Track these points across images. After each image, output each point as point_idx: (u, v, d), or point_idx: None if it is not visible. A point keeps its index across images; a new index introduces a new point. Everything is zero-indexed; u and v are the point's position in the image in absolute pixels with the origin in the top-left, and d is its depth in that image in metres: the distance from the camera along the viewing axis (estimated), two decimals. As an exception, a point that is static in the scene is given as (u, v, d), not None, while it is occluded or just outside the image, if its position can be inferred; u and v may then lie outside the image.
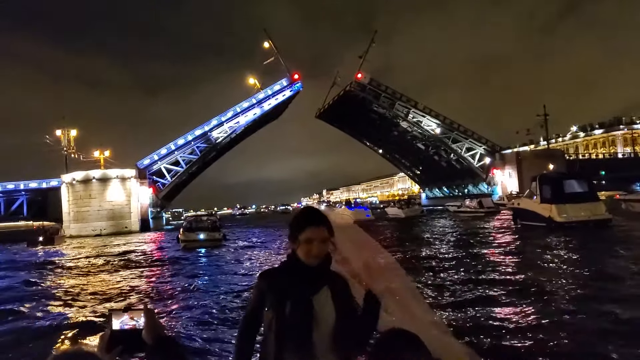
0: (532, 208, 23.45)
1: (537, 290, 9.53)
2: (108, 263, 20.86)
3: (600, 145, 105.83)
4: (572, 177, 23.20)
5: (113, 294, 12.34)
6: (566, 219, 21.09)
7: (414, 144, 75.27)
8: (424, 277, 11.81)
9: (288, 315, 1.97)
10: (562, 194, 22.05)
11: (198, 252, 24.30)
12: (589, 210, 21.27)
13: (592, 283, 9.96)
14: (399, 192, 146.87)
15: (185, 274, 15.72)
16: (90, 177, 56.27)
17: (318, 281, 2.06)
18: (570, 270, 11.94)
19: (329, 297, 2.03)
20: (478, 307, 8.39)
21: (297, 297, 2.00)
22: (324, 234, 2.06)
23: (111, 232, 52.42)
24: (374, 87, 66.81)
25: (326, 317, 2.00)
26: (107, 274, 16.77)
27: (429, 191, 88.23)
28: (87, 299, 11.84)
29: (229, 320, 8.57)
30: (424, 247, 18.94)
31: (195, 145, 63.55)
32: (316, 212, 2.17)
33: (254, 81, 66.57)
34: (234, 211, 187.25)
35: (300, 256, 2.07)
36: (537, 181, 23.59)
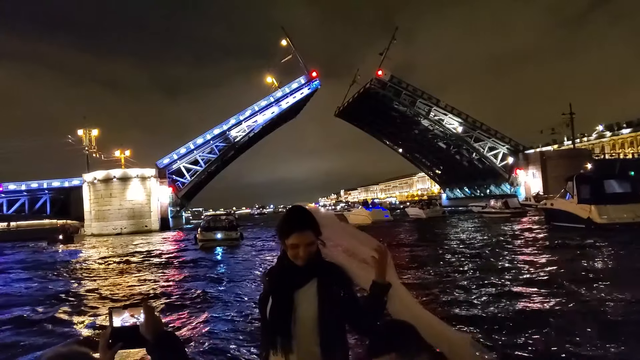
0: (568, 209, 22.31)
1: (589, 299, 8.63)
2: (124, 264, 20.26)
3: (628, 145, 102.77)
4: (613, 176, 22.04)
5: (123, 300, 11.69)
6: (607, 220, 19.95)
7: (435, 142, 74.00)
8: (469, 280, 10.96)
9: (270, 311, 2.05)
10: (603, 194, 20.92)
11: (216, 252, 23.73)
12: (633, 211, 20.03)
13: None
14: (418, 193, 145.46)
15: (206, 277, 14.88)
16: (111, 177, 56.46)
17: (305, 277, 2.09)
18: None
19: (313, 289, 2.07)
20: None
21: (280, 293, 2.06)
22: (310, 238, 2.08)
23: (131, 231, 52.51)
24: (394, 84, 65.84)
25: (307, 309, 2.04)
26: (121, 276, 16.16)
27: (449, 191, 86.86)
28: (97, 303, 11.25)
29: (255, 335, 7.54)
30: (460, 252, 17.67)
31: (214, 145, 63.58)
32: (301, 215, 2.14)
33: (272, 80, 66.45)
34: (253, 211, 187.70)
35: (289, 255, 2.11)
36: (574, 181, 22.42)
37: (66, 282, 15.59)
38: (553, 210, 24.31)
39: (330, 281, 2.09)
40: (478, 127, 68.40)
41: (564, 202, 23.13)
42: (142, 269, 17.94)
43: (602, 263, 13.19)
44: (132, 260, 21.71)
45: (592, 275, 11.11)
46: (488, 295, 9.56)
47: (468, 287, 10.48)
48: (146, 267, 18.79)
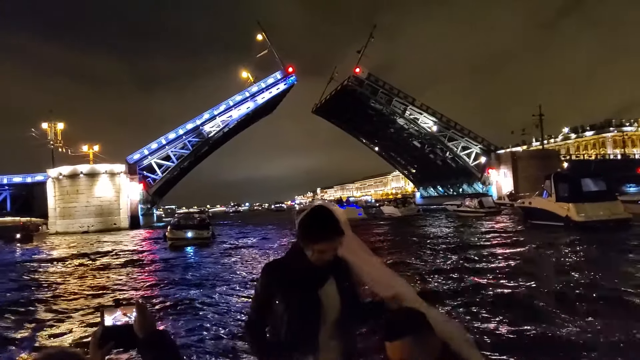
0: (546, 207, 22.47)
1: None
2: (85, 265, 18.56)
3: (591, 146, 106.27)
4: (589, 175, 22.34)
5: (75, 310, 9.94)
6: (585, 218, 20.23)
7: (410, 141, 74.54)
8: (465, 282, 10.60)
9: (297, 309, 2.04)
10: (581, 192, 21.18)
11: (187, 252, 22.71)
12: (608, 209, 20.48)
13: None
14: (392, 191, 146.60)
15: (175, 281, 13.62)
16: (78, 172, 54.48)
17: (325, 275, 2.11)
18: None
19: (334, 287, 2.11)
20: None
21: (305, 291, 2.06)
22: (338, 244, 2.09)
23: (99, 229, 50.76)
24: (371, 82, 65.96)
25: (332, 307, 2.08)
26: (79, 280, 14.48)
27: (423, 190, 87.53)
28: (43, 316, 9.67)
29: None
30: (442, 251, 17.21)
31: (187, 140, 62.26)
32: (331, 220, 2.10)
33: (248, 75, 65.62)
34: (228, 209, 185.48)
35: (310, 257, 2.09)
36: (552, 179, 22.62)
37: (6, 289, 13.35)
38: (531, 209, 24.44)
39: (345, 275, 2.15)
40: (452, 127, 69.14)
41: (543, 200, 23.27)
42: (103, 272, 16.30)
43: (585, 257, 13.37)
44: (94, 261, 20.19)
45: (573, 266, 11.48)
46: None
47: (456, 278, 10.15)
48: (109, 269, 17.21)
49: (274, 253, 18.68)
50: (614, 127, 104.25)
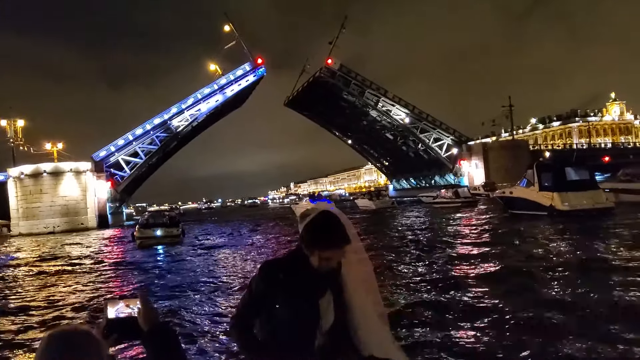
0: (529, 197, 22.27)
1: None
2: (43, 273, 16.54)
3: (558, 136, 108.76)
4: (572, 164, 22.27)
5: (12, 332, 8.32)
6: (569, 207, 20.11)
7: (382, 134, 74.50)
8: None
9: (296, 316, 2.01)
10: (564, 181, 21.06)
11: (157, 252, 21.50)
12: (591, 198, 20.45)
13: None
14: (365, 185, 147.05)
15: (145, 284, 12.53)
16: (41, 171, 52.06)
17: (325, 284, 2.09)
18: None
19: (331, 301, 2.09)
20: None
21: (305, 299, 2.03)
22: (344, 252, 2.06)
23: (66, 229, 48.67)
24: (344, 73, 65.54)
25: (328, 319, 2.07)
26: (33, 290, 12.77)
27: (396, 183, 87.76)
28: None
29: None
30: (426, 247, 15.92)
31: (155, 135, 60.62)
32: (338, 228, 2.07)
33: (216, 67, 64.22)
34: (200, 205, 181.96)
35: (313, 264, 2.05)
36: (535, 169, 22.42)
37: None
38: (512, 198, 24.23)
39: (340, 292, 2.12)
40: (424, 119, 69.42)
41: (525, 190, 23.07)
42: (63, 279, 14.71)
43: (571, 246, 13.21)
44: (55, 265, 18.58)
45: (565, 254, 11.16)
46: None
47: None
48: (70, 274, 15.70)
49: (256, 255, 17.73)
50: (579, 118, 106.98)
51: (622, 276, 8.88)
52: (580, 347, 5.43)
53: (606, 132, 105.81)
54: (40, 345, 1.29)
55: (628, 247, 12.05)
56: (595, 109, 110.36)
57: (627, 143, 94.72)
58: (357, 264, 2.19)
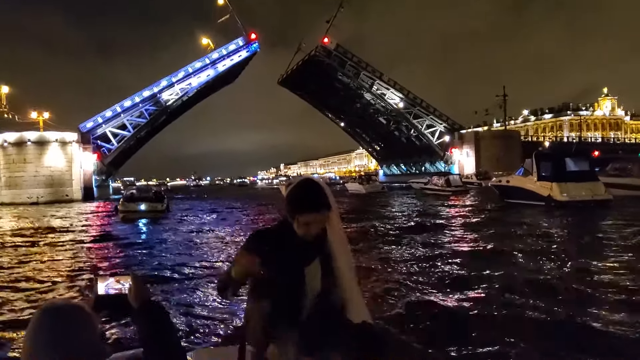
0: (526, 186, 21.92)
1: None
2: (17, 246, 15.28)
3: (549, 129, 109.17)
4: (572, 155, 21.95)
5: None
6: (568, 197, 19.82)
7: (375, 117, 74.01)
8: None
9: (281, 284, 2.02)
10: (564, 172, 20.74)
11: (140, 227, 20.80)
12: (590, 189, 20.17)
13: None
14: (356, 169, 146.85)
15: (128, 261, 11.83)
16: (25, 140, 50.82)
17: (312, 252, 2.09)
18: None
19: (318, 270, 2.09)
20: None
21: (291, 267, 2.05)
22: (325, 217, 2.06)
23: (49, 200, 47.79)
24: (340, 53, 64.76)
25: (314, 288, 2.07)
26: (13, 263, 11.84)
27: (386, 168, 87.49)
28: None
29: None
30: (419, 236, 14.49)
31: (144, 108, 59.51)
32: (318, 193, 2.07)
33: (208, 41, 63.13)
34: (188, 182, 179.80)
35: (297, 231, 2.06)
36: (534, 158, 22.03)
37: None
38: (508, 188, 23.89)
39: (330, 255, 2.09)
40: (418, 104, 68.98)
41: (522, 179, 22.72)
42: (43, 251, 13.90)
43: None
44: (34, 237, 17.54)
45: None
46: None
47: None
48: (45, 244, 14.90)
49: (240, 232, 17.12)
50: (571, 111, 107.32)
51: (614, 259, 9.11)
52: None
53: (597, 127, 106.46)
54: (32, 319, 1.27)
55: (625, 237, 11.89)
56: (587, 103, 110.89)
57: (616, 138, 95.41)
58: (339, 230, 2.16)
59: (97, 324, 1.36)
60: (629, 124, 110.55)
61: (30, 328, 1.26)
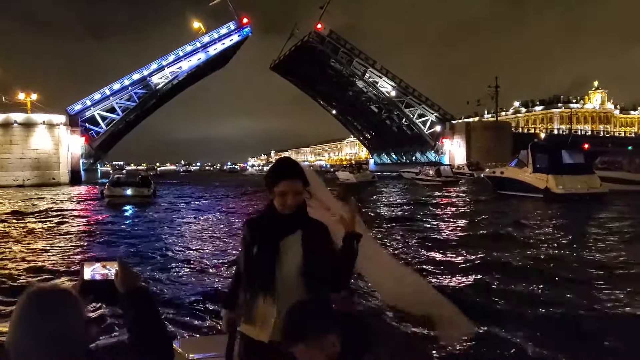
0: (521, 178, 21.82)
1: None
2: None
3: (540, 121, 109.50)
4: (568, 147, 21.84)
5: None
6: (564, 190, 19.70)
7: (367, 106, 73.62)
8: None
9: (254, 256, 2.11)
10: (560, 164, 20.63)
11: (126, 211, 20.71)
12: (585, 182, 20.10)
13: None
14: (346, 157, 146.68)
15: (112, 246, 11.64)
16: (11, 121, 49.77)
17: (290, 227, 2.13)
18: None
19: (298, 240, 2.12)
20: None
21: (265, 241, 2.12)
22: (298, 187, 2.11)
23: (36, 183, 46.94)
24: (333, 40, 64.19)
25: (292, 258, 2.09)
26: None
27: (377, 157, 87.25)
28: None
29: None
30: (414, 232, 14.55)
31: (133, 91, 58.69)
32: (291, 164, 2.21)
33: (199, 25, 62.35)
34: (178, 168, 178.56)
35: (276, 206, 2.13)
36: (530, 150, 21.91)
37: None
38: (503, 179, 23.76)
39: (315, 234, 2.12)
40: (410, 93, 68.70)
41: (517, 170, 22.60)
42: (23, 237, 13.47)
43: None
44: (16, 222, 17.04)
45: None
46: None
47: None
48: (32, 234, 14.17)
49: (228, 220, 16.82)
50: (561, 104, 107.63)
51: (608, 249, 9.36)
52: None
53: (586, 120, 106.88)
54: (18, 303, 1.26)
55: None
56: (577, 96, 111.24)
57: (606, 132, 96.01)
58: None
59: (84, 309, 1.35)
60: (618, 118, 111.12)
61: (16, 312, 1.25)
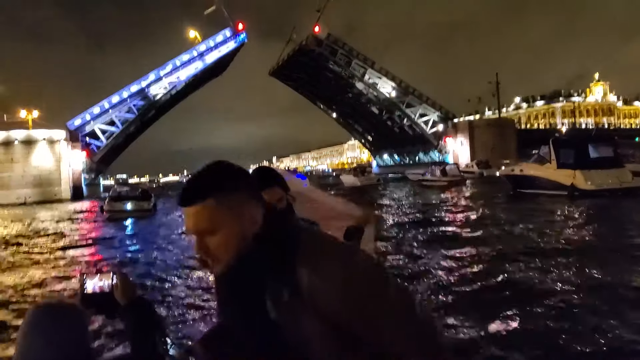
0: (545, 175, 20.88)
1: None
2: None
3: (541, 116, 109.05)
4: (596, 140, 20.94)
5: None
6: (594, 186, 18.69)
7: (368, 107, 72.94)
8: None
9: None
10: (587, 159, 19.69)
11: (127, 227, 20.05)
12: (616, 177, 19.08)
13: None
14: (348, 160, 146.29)
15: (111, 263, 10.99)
16: (12, 139, 49.27)
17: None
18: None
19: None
20: None
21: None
22: (279, 194, 2.04)
23: (38, 201, 46.38)
24: (331, 42, 63.73)
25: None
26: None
27: (379, 159, 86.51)
28: None
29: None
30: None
31: (132, 103, 58.19)
32: (268, 172, 2.11)
33: (195, 34, 61.93)
34: (181, 178, 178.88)
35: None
36: (552, 145, 20.96)
37: None
38: (523, 177, 22.82)
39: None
40: (410, 93, 68.05)
41: (539, 167, 21.68)
42: (20, 255, 12.66)
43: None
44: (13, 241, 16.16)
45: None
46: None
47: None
48: (27, 254, 13.15)
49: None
50: (563, 98, 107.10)
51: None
52: None
53: (589, 113, 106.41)
54: (25, 318, 1.29)
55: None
56: (579, 89, 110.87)
57: (610, 124, 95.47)
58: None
59: (88, 323, 1.36)
60: (621, 110, 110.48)
61: (23, 327, 1.26)
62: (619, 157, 20.79)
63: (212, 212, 1.11)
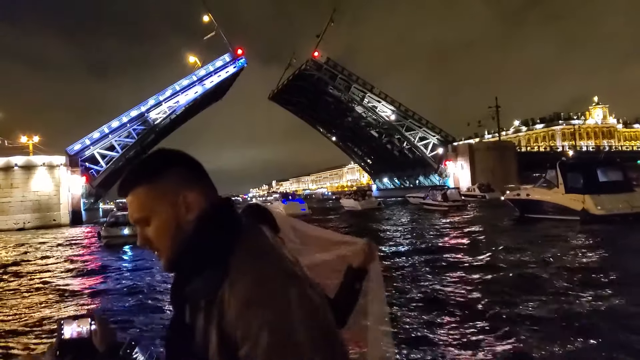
0: (553, 200, 20.47)
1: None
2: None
3: (541, 139, 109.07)
4: (604, 163, 20.56)
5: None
6: (604, 211, 18.25)
7: (367, 131, 72.96)
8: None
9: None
10: (597, 183, 19.30)
11: (125, 254, 19.70)
12: (627, 201, 18.59)
13: None
14: (348, 184, 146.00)
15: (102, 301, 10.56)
16: (12, 165, 48.96)
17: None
18: None
19: None
20: None
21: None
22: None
23: (36, 226, 46.02)
24: (330, 67, 64.11)
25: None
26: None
27: (379, 182, 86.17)
28: None
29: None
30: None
31: (132, 128, 58.04)
32: (257, 211, 1.88)
33: (195, 59, 62.15)
34: None
35: None
36: (559, 169, 20.60)
37: None
38: (530, 202, 22.40)
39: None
40: (410, 116, 68.07)
41: (546, 192, 21.27)
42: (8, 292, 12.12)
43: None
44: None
45: None
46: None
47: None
48: (15, 291, 12.41)
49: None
50: (562, 121, 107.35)
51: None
52: None
53: (589, 136, 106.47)
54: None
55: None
56: (578, 112, 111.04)
57: (610, 147, 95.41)
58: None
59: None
60: (622, 132, 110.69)
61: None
62: (630, 181, 20.33)
63: (143, 200, 1.12)
